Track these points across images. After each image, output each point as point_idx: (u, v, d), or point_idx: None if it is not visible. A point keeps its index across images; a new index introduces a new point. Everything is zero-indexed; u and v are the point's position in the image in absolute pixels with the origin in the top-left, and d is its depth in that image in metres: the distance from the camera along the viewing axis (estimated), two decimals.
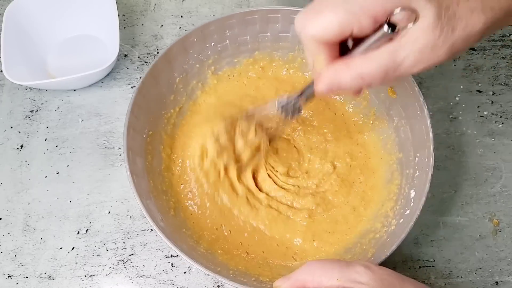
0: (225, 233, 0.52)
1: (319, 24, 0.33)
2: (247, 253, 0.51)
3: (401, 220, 0.47)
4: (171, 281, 0.53)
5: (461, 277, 0.52)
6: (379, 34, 0.31)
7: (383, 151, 0.55)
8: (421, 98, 0.49)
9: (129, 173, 0.47)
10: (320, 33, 0.33)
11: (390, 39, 0.31)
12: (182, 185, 0.54)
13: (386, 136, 0.55)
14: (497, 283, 0.52)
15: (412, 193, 0.48)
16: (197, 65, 0.57)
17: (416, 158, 0.50)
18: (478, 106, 0.61)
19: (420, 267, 0.53)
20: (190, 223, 0.52)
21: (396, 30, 0.31)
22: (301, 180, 0.55)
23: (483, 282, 0.52)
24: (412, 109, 0.51)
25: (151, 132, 0.53)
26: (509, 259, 0.53)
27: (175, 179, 0.55)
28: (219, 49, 0.57)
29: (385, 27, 0.31)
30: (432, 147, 0.47)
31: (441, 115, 0.60)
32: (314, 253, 0.51)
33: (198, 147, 0.53)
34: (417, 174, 0.49)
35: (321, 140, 0.57)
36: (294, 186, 0.55)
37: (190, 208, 0.53)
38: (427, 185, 0.46)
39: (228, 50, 0.58)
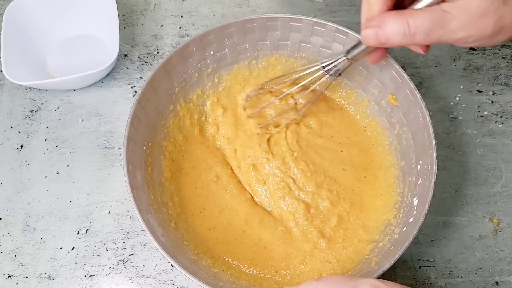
0: (229, 243, 0.52)
1: None
2: (250, 267, 0.51)
3: (404, 228, 0.46)
4: (171, 281, 0.53)
5: (461, 277, 0.52)
6: None
7: (385, 158, 0.55)
8: (423, 105, 0.48)
9: (129, 187, 0.46)
10: None
11: (443, 2, 0.33)
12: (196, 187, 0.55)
13: (388, 143, 0.55)
14: (497, 283, 0.52)
15: (415, 201, 0.47)
16: (196, 74, 0.57)
17: (419, 166, 0.49)
18: (478, 106, 0.61)
19: (420, 267, 0.53)
20: (191, 234, 0.52)
21: None
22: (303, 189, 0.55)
23: (483, 282, 0.52)
24: (414, 116, 0.50)
25: (150, 143, 0.53)
26: (509, 259, 0.53)
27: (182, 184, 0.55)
28: (218, 57, 0.57)
29: None
30: (435, 154, 0.47)
31: (441, 115, 0.60)
32: (317, 263, 0.51)
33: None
34: (419, 181, 0.48)
35: (322, 145, 0.57)
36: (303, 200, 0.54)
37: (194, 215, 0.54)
38: (430, 193, 0.45)
39: (227, 59, 0.57)
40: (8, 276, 0.53)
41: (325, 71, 0.49)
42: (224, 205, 0.54)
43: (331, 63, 0.49)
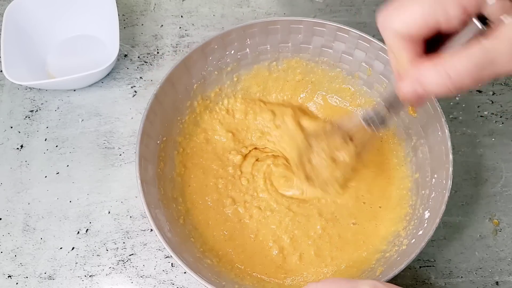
0: (234, 246, 0.52)
1: (402, 17, 0.31)
2: (255, 270, 0.51)
3: (413, 240, 0.46)
4: (171, 281, 0.53)
5: (461, 277, 0.52)
6: (469, 29, 0.29)
7: (399, 170, 0.54)
8: (443, 119, 0.47)
9: (139, 181, 0.46)
10: (404, 26, 0.31)
11: (481, 36, 0.28)
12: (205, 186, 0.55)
13: (403, 155, 0.54)
14: (497, 283, 0.52)
15: (426, 214, 0.47)
16: (216, 72, 0.56)
17: (433, 179, 0.48)
18: (478, 106, 0.61)
19: (420, 267, 0.53)
20: (199, 231, 0.52)
21: (488, 25, 0.28)
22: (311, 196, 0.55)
23: (483, 282, 0.52)
24: (432, 129, 0.49)
25: (165, 138, 0.53)
26: (509, 259, 0.53)
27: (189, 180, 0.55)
28: (238, 57, 0.56)
29: (476, 21, 0.28)
30: (451, 169, 0.45)
31: None
32: (322, 270, 0.51)
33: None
34: (433, 195, 0.47)
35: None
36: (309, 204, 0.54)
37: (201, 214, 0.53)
38: (443, 207, 0.44)
39: (248, 59, 0.57)
40: (8, 276, 0.53)
41: (367, 125, 0.43)
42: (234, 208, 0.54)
43: (372, 115, 0.42)
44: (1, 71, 0.63)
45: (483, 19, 0.28)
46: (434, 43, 0.32)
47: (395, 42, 0.32)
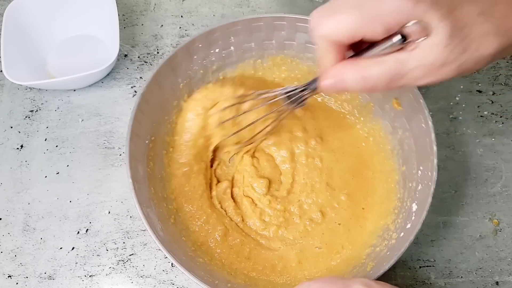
0: (227, 243, 0.52)
1: (333, 24, 0.33)
2: (246, 267, 0.51)
3: (402, 233, 0.46)
4: (171, 281, 0.53)
5: (461, 277, 0.52)
6: (389, 42, 0.32)
7: (386, 163, 0.55)
8: (426, 111, 0.48)
9: (130, 180, 0.46)
10: (333, 33, 0.33)
11: (400, 48, 0.32)
12: (186, 188, 0.54)
13: (390, 148, 0.55)
14: (497, 283, 0.52)
15: (414, 207, 0.47)
16: (201, 71, 0.56)
17: (419, 172, 0.49)
18: (478, 106, 0.61)
19: (420, 267, 0.53)
20: (190, 229, 0.52)
21: (407, 41, 0.31)
22: (302, 195, 0.55)
23: (483, 282, 0.52)
24: (416, 121, 0.50)
25: (153, 137, 0.53)
26: (509, 259, 0.53)
27: (177, 181, 0.54)
28: (223, 55, 0.56)
29: (397, 37, 0.31)
30: (435, 160, 0.46)
31: (441, 115, 0.60)
32: (312, 266, 0.51)
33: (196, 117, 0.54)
34: (419, 187, 0.48)
35: (321, 149, 0.57)
36: (298, 200, 0.54)
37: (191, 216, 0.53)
38: (429, 199, 0.45)
39: (233, 57, 0.57)
40: (8, 276, 0.53)
41: (289, 101, 0.46)
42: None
43: (296, 92, 0.45)
44: (1, 71, 0.63)
45: (404, 37, 0.31)
46: (356, 43, 0.35)
47: (323, 43, 0.35)
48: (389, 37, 0.32)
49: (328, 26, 0.33)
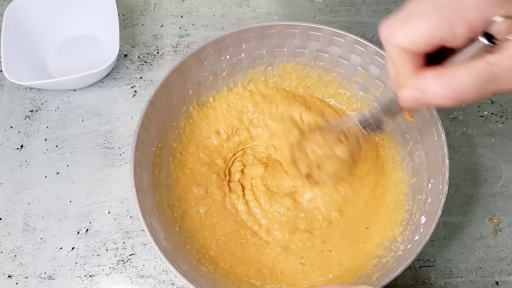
0: (230, 252, 0.52)
1: (407, 33, 0.30)
2: (249, 275, 0.51)
3: (409, 245, 0.46)
4: (171, 281, 0.53)
5: (461, 277, 0.52)
6: (475, 45, 0.29)
7: (396, 175, 0.54)
8: (439, 124, 0.47)
9: (134, 189, 0.45)
10: (409, 42, 0.30)
11: (487, 52, 0.29)
12: (194, 190, 0.54)
13: (399, 159, 0.54)
14: (497, 283, 0.52)
15: (423, 219, 0.47)
16: (211, 77, 0.56)
17: (430, 184, 0.48)
18: (478, 106, 0.61)
19: (420, 267, 0.53)
20: (195, 236, 0.52)
21: (494, 42, 0.28)
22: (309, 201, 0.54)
23: (483, 282, 0.52)
24: (429, 134, 0.49)
25: (160, 144, 0.52)
26: (509, 259, 0.53)
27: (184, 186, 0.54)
28: (234, 62, 0.56)
29: (483, 39, 0.28)
30: (447, 174, 0.45)
31: (441, 115, 0.59)
32: (318, 275, 0.50)
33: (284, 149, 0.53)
34: (429, 200, 0.47)
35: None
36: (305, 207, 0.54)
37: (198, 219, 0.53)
38: (439, 212, 0.44)
39: (243, 64, 0.57)
40: (8, 276, 0.53)
41: (362, 128, 0.44)
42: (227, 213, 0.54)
43: (368, 118, 0.43)
44: (1, 71, 0.63)
45: (489, 36, 0.28)
46: (435, 54, 0.32)
47: (397, 55, 0.32)
48: (472, 40, 0.29)
49: (403, 35, 0.30)
